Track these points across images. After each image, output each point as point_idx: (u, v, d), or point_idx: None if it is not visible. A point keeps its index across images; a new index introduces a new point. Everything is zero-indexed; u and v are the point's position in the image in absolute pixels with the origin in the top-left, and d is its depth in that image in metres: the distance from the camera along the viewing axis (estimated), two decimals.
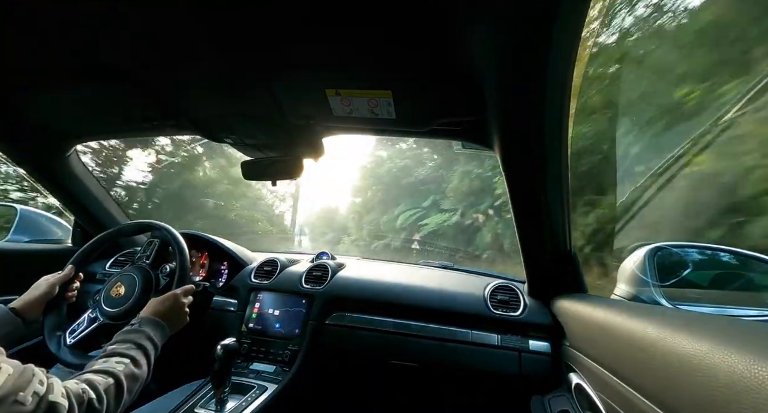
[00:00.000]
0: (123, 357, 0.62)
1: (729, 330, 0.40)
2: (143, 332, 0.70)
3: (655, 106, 2.84)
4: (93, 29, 0.64)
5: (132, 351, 0.64)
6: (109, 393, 0.56)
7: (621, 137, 2.98)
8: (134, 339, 0.67)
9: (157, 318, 0.75)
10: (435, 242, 7.66)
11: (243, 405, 0.92)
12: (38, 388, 0.45)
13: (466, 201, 7.55)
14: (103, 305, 0.91)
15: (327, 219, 14.27)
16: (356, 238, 10.93)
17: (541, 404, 0.92)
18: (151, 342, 0.69)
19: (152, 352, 0.69)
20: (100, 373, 0.58)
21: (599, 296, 0.94)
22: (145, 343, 0.68)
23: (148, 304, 0.81)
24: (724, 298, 0.90)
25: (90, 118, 1.05)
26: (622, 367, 0.56)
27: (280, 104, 0.83)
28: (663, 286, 0.84)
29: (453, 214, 7.69)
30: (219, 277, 1.35)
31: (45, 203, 3.55)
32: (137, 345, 0.66)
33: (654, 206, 2.05)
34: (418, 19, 0.54)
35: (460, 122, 0.81)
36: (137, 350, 0.65)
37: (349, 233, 11.81)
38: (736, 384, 0.31)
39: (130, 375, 0.61)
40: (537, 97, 0.57)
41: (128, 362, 0.62)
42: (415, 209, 8.71)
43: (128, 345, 0.65)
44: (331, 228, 13.51)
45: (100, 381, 0.56)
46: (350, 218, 12.25)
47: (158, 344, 0.72)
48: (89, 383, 0.54)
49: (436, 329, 1.09)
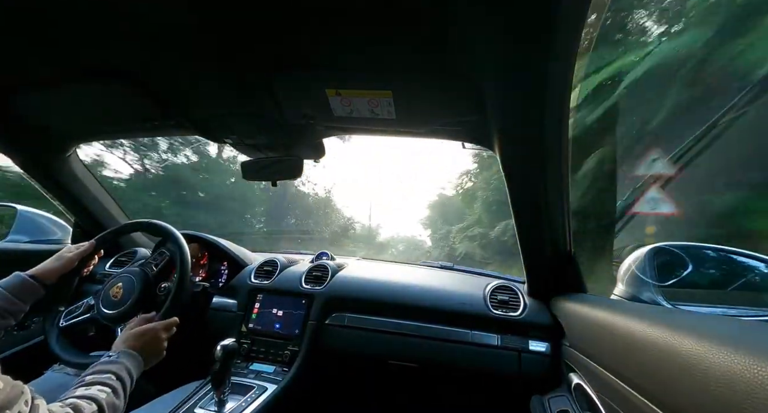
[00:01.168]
0: (105, 386, 0.62)
1: (729, 330, 0.40)
2: (122, 363, 0.69)
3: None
4: (93, 29, 0.64)
5: (112, 381, 0.64)
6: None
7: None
8: (114, 370, 0.66)
9: (134, 352, 0.74)
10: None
11: (243, 406, 0.92)
12: (23, 409, 0.45)
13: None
14: (101, 306, 0.91)
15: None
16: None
17: (541, 404, 0.92)
18: (128, 375, 0.69)
19: (129, 385, 0.68)
20: (84, 399, 0.57)
21: (599, 296, 0.94)
22: (124, 375, 0.67)
23: (125, 335, 0.78)
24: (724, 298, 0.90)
25: (90, 118, 1.05)
26: (621, 367, 0.56)
27: (280, 104, 0.83)
28: (663, 286, 0.84)
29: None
30: (219, 277, 1.35)
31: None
32: (117, 377, 0.65)
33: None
34: (418, 19, 0.54)
35: (460, 122, 0.81)
36: (117, 381, 0.65)
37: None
38: (735, 384, 0.31)
39: (111, 405, 0.60)
40: (537, 98, 0.57)
41: (110, 391, 0.61)
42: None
43: (108, 375, 0.65)
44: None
45: (84, 407, 0.55)
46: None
47: (134, 377, 0.71)
48: (74, 407, 0.54)
49: (435, 329, 1.09)
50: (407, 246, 17.47)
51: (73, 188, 1.29)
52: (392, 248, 17.44)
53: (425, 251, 14.28)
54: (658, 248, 0.90)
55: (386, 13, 0.53)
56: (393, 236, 19.01)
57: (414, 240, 17.50)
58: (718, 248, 0.94)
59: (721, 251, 0.94)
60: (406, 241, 18.10)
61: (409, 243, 17.53)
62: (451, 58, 0.62)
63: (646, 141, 2.90)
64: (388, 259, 1.69)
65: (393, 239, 18.39)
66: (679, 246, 0.91)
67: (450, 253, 10.34)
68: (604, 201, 2.74)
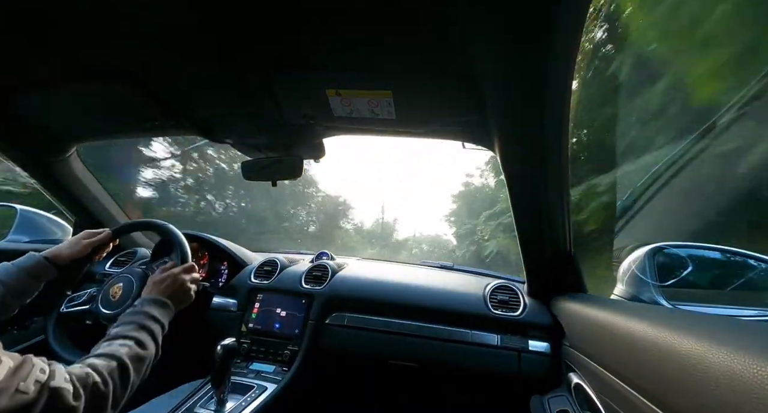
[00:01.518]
0: (126, 339, 0.62)
1: (729, 330, 0.40)
2: (145, 312, 0.70)
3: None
4: (93, 29, 0.64)
5: (135, 332, 0.64)
6: (113, 376, 0.56)
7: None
8: (137, 320, 0.67)
9: (159, 297, 0.75)
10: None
11: (243, 405, 0.92)
12: (39, 376, 0.46)
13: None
14: (100, 306, 0.91)
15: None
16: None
17: (541, 404, 0.92)
18: (154, 321, 0.69)
19: (157, 330, 0.69)
20: (102, 357, 0.58)
21: (599, 296, 0.94)
22: (148, 323, 0.68)
23: (147, 284, 0.80)
24: (724, 298, 0.90)
25: (90, 118, 1.05)
26: (621, 367, 0.56)
27: (281, 104, 0.83)
28: (663, 286, 0.85)
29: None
30: (219, 277, 1.35)
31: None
32: (140, 326, 0.66)
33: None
34: (418, 19, 0.54)
35: (460, 122, 0.81)
36: (140, 330, 0.65)
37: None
38: (735, 384, 0.31)
39: (134, 357, 0.61)
40: (537, 98, 0.57)
41: (132, 344, 0.62)
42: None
43: (131, 327, 0.65)
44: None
45: (103, 365, 0.56)
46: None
47: (163, 322, 0.71)
48: (93, 367, 0.55)
49: (435, 329, 1.09)
50: (432, 245, 16.12)
51: (73, 188, 1.29)
52: (414, 248, 16.25)
53: (450, 250, 13.16)
54: (657, 248, 0.90)
55: (386, 13, 0.53)
56: (414, 235, 18.01)
57: (439, 239, 16.30)
58: (717, 248, 0.94)
59: (721, 251, 0.94)
60: (430, 240, 16.86)
61: (434, 242, 16.31)
62: (451, 58, 0.62)
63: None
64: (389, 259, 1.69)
65: (414, 238, 17.36)
66: (679, 246, 0.91)
67: (478, 252, 8.79)
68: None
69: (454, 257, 11.12)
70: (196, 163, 8.12)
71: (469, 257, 9.58)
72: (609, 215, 2.74)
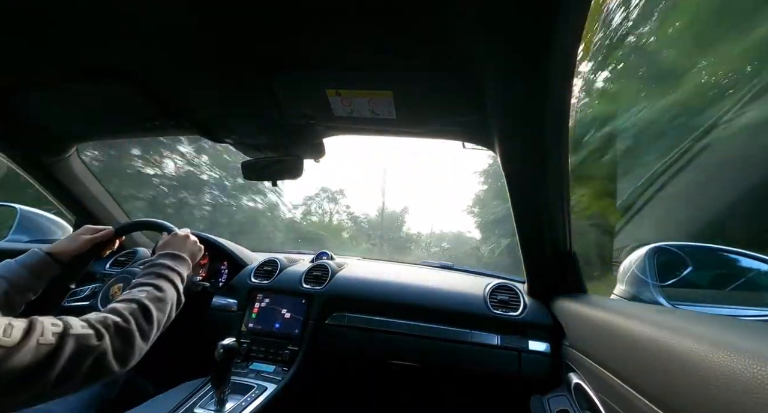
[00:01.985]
0: (144, 286, 0.64)
1: (729, 330, 0.40)
2: (161, 263, 0.72)
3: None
4: (93, 29, 0.64)
5: (152, 279, 0.66)
6: (135, 315, 0.57)
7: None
8: (153, 270, 0.69)
9: (173, 250, 0.77)
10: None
11: (243, 405, 0.92)
12: (55, 329, 0.47)
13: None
14: (99, 306, 0.92)
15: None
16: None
17: (541, 404, 0.92)
18: (171, 270, 0.71)
19: (176, 278, 0.71)
20: (122, 301, 0.60)
21: (599, 296, 0.94)
22: (165, 271, 0.70)
23: (158, 245, 0.82)
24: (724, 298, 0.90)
25: (90, 118, 1.05)
26: (621, 367, 0.56)
27: (281, 104, 0.83)
28: (663, 286, 0.84)
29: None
30: (219, 277, 1.35)
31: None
32: (157, 275, 0.68)
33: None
34: (418, 19, 0.54)
35: (460, 122, 0.81)
36: (158, 278, 0.67)
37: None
38: (735, 384, 0.31)
39: (154, 298, 0.62)
40: (537, 98, 0.57)
41: (150, 289, 0.64)
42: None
43: (148, 276, 0.67)
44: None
45: (122, 307, 0.57)
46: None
47: (180, 271, 0.73)
48: (112, 310, 0.56)
49: (436, 329, 1.09)
50: (456, 242, 14.52)
51: (73, 188, 1.29)
52: (433, 245, 14.71)
53: (473, 246, 11.45)
54: (657, 247, 0.90)
55: (386, 13, 0.53)
56: (432, 231, 16.40)
57: (462, 236, 14.75)
58: (717, 248, 0.94)
59: (721, 250, 0.94)
60: (452, 237, 15.32)
61: (456, 239, 14.81)
62: (451, 58, 0.62)
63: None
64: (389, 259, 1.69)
65: (432, 235, 15.79)
66: (679, 246, 0.91)
67: (512, 246, 6.86)
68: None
69: (479, 255, 9.88)
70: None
71: (500, 252, 8.24)
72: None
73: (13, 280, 0.76)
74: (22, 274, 0.78)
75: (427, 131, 0.88)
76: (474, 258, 10.14)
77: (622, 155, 2.99)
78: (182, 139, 7.42)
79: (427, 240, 15.29)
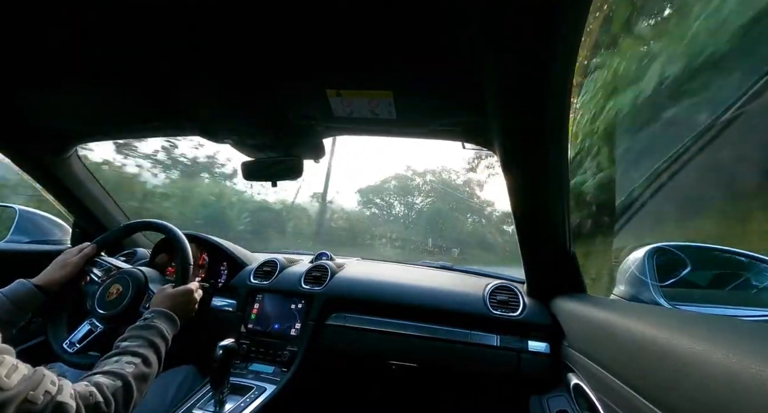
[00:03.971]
0: (134, 356, 0.63)
1: (728, 330, 0.40)
2: (156, 327, 0.71)
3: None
4: (93, 29, 0.64)
5: (143, 349, 0.66)
6: (117, 396, 0.57)
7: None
8: (146, 335, 0.68)
9: (170, 311, 0.76)
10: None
11: (242, 406, 0.92)
12: (50, 387, 0.47)
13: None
14: (96, 308, 0.91)
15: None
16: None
17: (540, 404, 0.92)
18: (162, 338, 0.71)
19: (163, 348, 0.70)
20: (109, 375, 0.59)
21: (598, 297, 0.94)
22: (157, 340, 0.69)
23: (161, 294, 0.81)
24: (723, 298, 0.90)
25: (90, 118, 1.05)
26: (621, 367, 0.56)
27: (281, 105, 0.83)
28: (662, 286, 0.85)
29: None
30: (218, 277, 1.35)
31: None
32: (149, 343, 0.67)
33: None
34: (418, 20, 0.54)
35: (460, 122, 0.82)
36: (149, 348, 0.67)
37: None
38: (734, 384, 0.31)
39: (139, 376, 0.61)
40: (537, 97, 0.57)
41: (139, 361, 0.63)
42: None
43: (140, 342, 0.66)
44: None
45: (108, 384, 0.57)
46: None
47: (169, 338, 0.73)
48: (98, 386, 0.56)
49: (435, 329, 1.09)
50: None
51: (73, 188, 1.29)
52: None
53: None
54: (657, 248, 0.91)
55: (386, 14, 0.54)
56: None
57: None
58: (716, 248, 0.94)
59: (720, 251, 0.94)
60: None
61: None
62: (451, 58, 0.62)
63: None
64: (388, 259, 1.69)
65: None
66: (678, 246, 0.92)
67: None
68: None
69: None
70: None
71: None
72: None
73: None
74: (6, 306, 0.77)
75: (427, 131, 0.88)
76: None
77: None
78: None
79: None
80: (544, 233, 0.89)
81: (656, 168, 2.33)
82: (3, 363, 0.44)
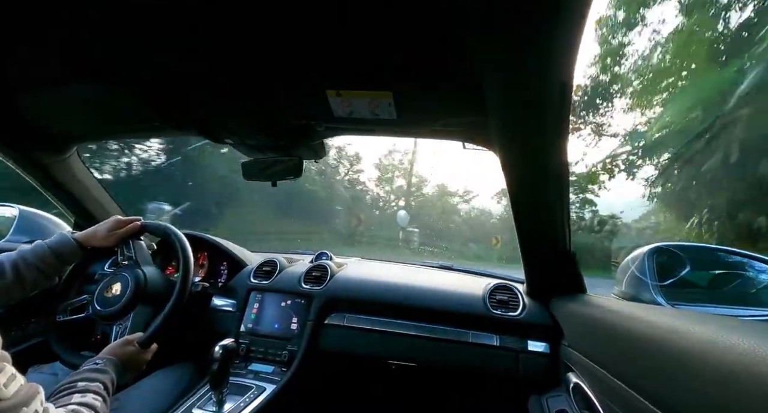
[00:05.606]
0: (97, 395, 0.64)
1: (728, 330, 0.40)
2: (109, 374, 0.71)
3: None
4: (93, 29, 0.64)
5: (102, 391, 0.67)
6: None
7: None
8: (102, 379, 0.69)
9: (121, 363, 0.76)
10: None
11: (241, 406, 0.92)
12: (39, 408, 0.47)
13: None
14: (95, 304, 0.92)
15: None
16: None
17: (539, 404, 0.92)
18: (112, 385, 0.71)
19: (110, 395, 0.70)
20: (85, 406, 0.60)
21: (598, 297, 0.94)
22: (110, 386, 0.70)
23: (115, 345, 0.80)
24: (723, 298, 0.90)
25: (90, 119, 1.05)
26: (620, 367, 0.56)
27: (281, 105, 0.83)
28: (662, 286, 0.85)
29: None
30: (218, 277, 1.35)
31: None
32: (104, 387, 0.68)
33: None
34: (418, 20, 0.54)
35: (461, 122, 0.82)
36: (104, 391, 0.67)
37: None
38: (734, 384, 0.31)
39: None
40: (537, 97, 0.57)
41: (101, 400, 0.64)
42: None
43: (98, 384, 0.67)
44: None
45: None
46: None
47: (114, 388, 0.73)
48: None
49: (435, 329, 1.09)
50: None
51: (73, 188, 1.29)
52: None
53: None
54: (657, 248, 0.91)
55: (386, 14, 0.54)
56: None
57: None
58: (716, 248, 0.94)
59: (720, 251, 0.94)
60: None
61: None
62: (451, 58, 0.62)
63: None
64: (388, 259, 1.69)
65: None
66: (678, 246, 0.92)
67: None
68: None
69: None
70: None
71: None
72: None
73: (36, 262, 0.82)
74: (48, 258, 0.83)
75: (428, 131, 0.88)
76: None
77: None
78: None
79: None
80: (544, 233, 0.89)
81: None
82: (3, 371, 0.44)
